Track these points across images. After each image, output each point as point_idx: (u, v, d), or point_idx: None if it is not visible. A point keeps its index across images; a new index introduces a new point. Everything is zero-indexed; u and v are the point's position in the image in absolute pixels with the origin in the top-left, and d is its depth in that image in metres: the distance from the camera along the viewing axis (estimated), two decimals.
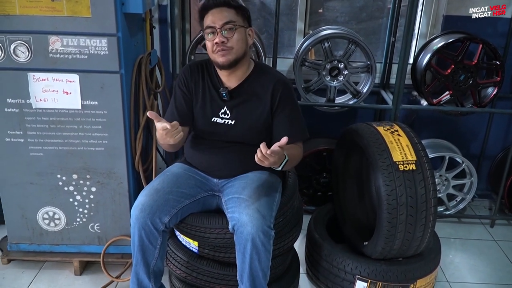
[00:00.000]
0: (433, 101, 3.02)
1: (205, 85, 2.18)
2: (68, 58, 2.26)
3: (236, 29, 2.05)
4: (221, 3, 2.06)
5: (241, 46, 2.07)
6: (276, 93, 2.13)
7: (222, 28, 2.02)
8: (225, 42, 2.03)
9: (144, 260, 2.12)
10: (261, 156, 1.83)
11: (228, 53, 2.04)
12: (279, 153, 1.85)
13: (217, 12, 2.05)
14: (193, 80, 2.18)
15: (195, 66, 2.21)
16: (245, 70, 2.16)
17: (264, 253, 1.99)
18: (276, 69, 2.56)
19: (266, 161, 1.86)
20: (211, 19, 2.04)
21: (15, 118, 2.37)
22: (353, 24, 3.43)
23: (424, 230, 2.31)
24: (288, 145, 1.93)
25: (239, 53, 2.07)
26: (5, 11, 2.18)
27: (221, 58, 2.05)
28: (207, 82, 2.18)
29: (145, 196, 2.06)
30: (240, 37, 2.07)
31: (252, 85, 2.16)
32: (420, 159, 2.31)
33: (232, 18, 2.05)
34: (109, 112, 2.37)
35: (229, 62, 2.06)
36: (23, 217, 2.57)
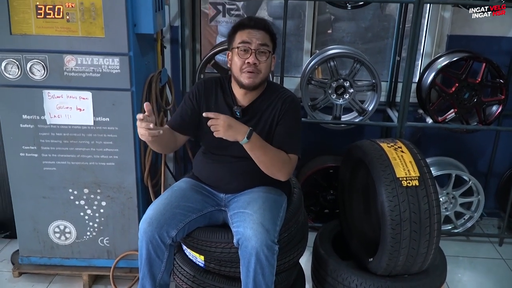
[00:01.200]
0: (438, 119, 3.06)
1: (218, 102, 2.23)
2: (82, 76, 2.36)
3: (269, 56, 2.13)
4: (261, 26, 2.13)
5: (268, 72, 2.16)
6: (283, 108, 2.20)
7: (258, 49, 2.09)
8: (257, 64, 2.09)
9: (150, 273, 2.16)
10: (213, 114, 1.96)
11: (255, 76, 2.11)
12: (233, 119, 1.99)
13: (255, 32, 2.10)
14: (205, 95, 2.23)
15: (210, 82, 2.27)
16: (260, 89, 2.22)
17: (268, 267, 2.03)
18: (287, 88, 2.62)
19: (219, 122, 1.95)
20: (248, 36, 2.09)
21: (30, 134, 2.46)
22: (359, 44, 3.50)
23: (429, 246, 2.32)
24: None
25: (264, 78, 2.15)
26: (22, 31, 2.29)
27: (247, 80, 2.11)
28: (220, 98, 2.23)
29: (153, 210, 2.12)
30: (269, 62, 2.15)
31: (263, 103, 2.22)
32: (423, 175, 2.34)
33: (268, 42, 2.12)
34: (120, 128, 2.45)
35: (254, 85, 2.13)
36: (34, 231, 2.64)
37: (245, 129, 2.01)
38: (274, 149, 2.14)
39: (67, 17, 2.26)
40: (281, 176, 2.18)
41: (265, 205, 2.10)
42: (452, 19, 3.19)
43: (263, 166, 2.12)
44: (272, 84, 2.30)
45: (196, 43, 3.25)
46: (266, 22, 2.16)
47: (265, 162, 2.11)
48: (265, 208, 2.08)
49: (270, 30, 2.14)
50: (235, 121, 2.01)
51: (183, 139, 2.28)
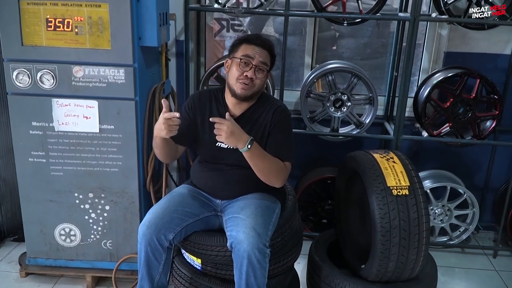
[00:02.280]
0: (434, 133, 3.14)
1: (212, 111, 2.33)
2: (89, 86, 2.50)
3: (266, 74, 2.27)
4: (267, 46, 2.27)
5: (260, 88, 2.29)
6: (274, 118, 2.30)
7: (258, 66, 2.22)
8: (254, 79, 2.22)
9: (149, 275, 2.25)
10: (219, 119, 2.06)
11: (249, 88, 2.23)
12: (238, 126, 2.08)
13: (259, 50, 2.23)
14: (200, 107, 2.34)
15: (205, 94, 2.39)
16: (252, 101, 2.33)
17: (259, 270, 2.11)
18: (278, 99, 2.73)
19: (223, 127, 2.04)
20: (252, 52, 2.22)
21: (38, 140, 2.59)
22: (362, 59, 3.62)
23: (418, 253, 2.40)
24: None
25: (256, 91, 2.27)
26: (34, 42, 2.44)
27: (241, 91, 2.22)
28: (214, 109, 2.34)
29: (152, 214, 2.22)
30: (264, 80, 2.28)
31: (255, 113, 2.32)
32: (413, 185, 2.42)
33: (268, 62, 2.27)
34: (124, 136, 2.57)
35: (245, 96, 2.25)
36: (41, 233, 2.76)
37: (247, 138, 2.11)
38: (271, 158, 2.24)
39: (76, 30, 2.41)
40: (277, 183, 2.28)
41: (258, 211, 2.20)
42: (449, 36, 3.30)
43: (261, 173, 2.22)
44: (263, 95, 2.39)
45: (200, 57, 3.39)
46: (272, 44, 2.30)
47: (263, 170, 2.21)
48: (257, 214, 2.18)
49: (273, 52, 2.29)
50: (239, 128, 2.10)
51: (181, 149, 2.40)
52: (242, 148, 2.11)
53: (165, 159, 2.40)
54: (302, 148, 3.61)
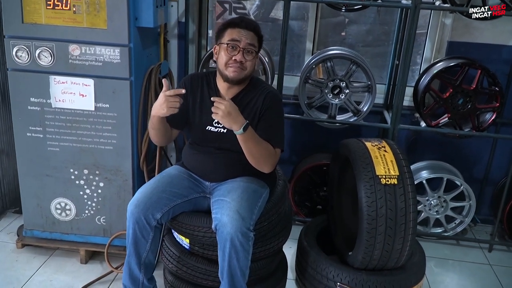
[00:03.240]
0: (432, 123, 3.12)
1: (203, 96, 2.36)
2: (85, 64, 2.54)
3: (255, 56, 2.26)
4: (252, 27, 2.25)
5: (251, 70, 2.29)
6: (265, 102, 2.31)
7: (245, 48, 2.21)
8: (243, 62, 2.22)
9: (136, 252, 2.31)
10: (219, 99, 2.07)
11: (240, 71, 2.23)
12: (236, 108, 2.08)
13: (245, 32, 2.23)
14: (192, 90, 2.36)
15: (196, 77, 2.40)
16: (243, 85, 2.34)
17: (242, 253, 2.15)
18: (269, 84, 2.72)
19: (221, 106, 2.05)
20: (238, 35, 2.22)
21: (36, 116, 2.65)
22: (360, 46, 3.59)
23: (403, 243, 2.41)
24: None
25: (248, 74, 2.28)
26: (33, 20, 2.48)
27: (232, 74, 2.23)
28: (205, 93, 2.36)
29: (140, 193, 2.27)
30: (254, 62, 2.28)
31: (246, 97, 2.33)
32: (403, 175, 2.42)
33: (255, 43, 2.26)
34: (118, 115, 2.61)
35: (238, 79, 2.26)
36: (38, 206, 2.84)
37: (243, 121, 2.12)
38: (263, 143, 2.25)
39: (73, 9, 2.44)
40: (266, 168, 2.30)
41: (244, 194, 2.23)
42: (453, 26, 3.25)
43: (251, 157, 2.24)
44: (254, 79, 2.40)
45: (202, 39, 3.40)
46: (256, 25, 2.28)
47: (254, 154, 2.23)
48: (243, 197, 2.21)
49: (259, 33, 2.27)
50: (236, 110, 2.11)
51: (175, 133, 2.44)
52: (237, 130, 2.12)
53: (160, 141, 2.44)
54: (300, 134, 3.63)
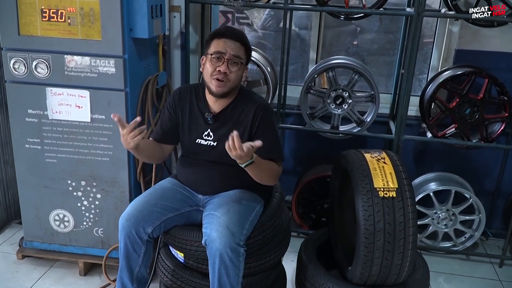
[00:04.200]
0: (438, 134, 3.03)
1: (192, 108, 2.32)
2: (80, 76, 2.54)
3: (241, 67, 2.20)
4: (238, 38, 2.19)
5: (236, 82, 2.21)
6: (256, 116, 2.25)
7: (231, 59, 2.15)
8: (228, 73, 2.16)
9: (128, 266, 2.28)
10: (232, 144, 1.95)
11: (224, 85, 2.17)
12: (248, 150, 1.97)
13: (230, 43, 2.16)
14: (181, 103, 2.33)
15: (185, 90, 2.36)
16: (231, 96, 2.29)
17: (232, 269, 2.10)
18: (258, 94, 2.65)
19: (234, 151, 1.96)
20: (223, 46, 2.15)
21: (34, 127, 2.66)
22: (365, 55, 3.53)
23: (403, 258, 2.32)
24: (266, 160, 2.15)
25: (232, 86, 2.21)
26: (29, 32, 2.50)
27: (216, 88, 2.17)
28: (194, 105, 2.32)
29: (132, 207, 2.24)
30: (240, 73, 2.21)
31: (235, 109, 2.28)
32: (402, 187, 2.34)
33: (241, 54, 2.18)
34: (114, 126, 2.58)
35: (222, 93, 2.20)
36: (37, 217, 2.84)
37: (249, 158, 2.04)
38: (267, 164, 2.21)
39: (68, 21, 2.45)
40: (272, 182, 2.32)
41: (235, 209, 2.18)
42: (460, 33, 3.16)
43: (258, 179, 2.21)
44: (243, 90, 2.35)
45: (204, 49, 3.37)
46: (243, 34, 2.23)
47: (261, 177, 2.21)
48: (233, 212, 2.16)
49: (245, 43, 2.21)
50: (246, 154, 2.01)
51: (169, 148, 2.42)
52: (242, 164, 2.06)
53: (152, 161, 2.43)
54: (304, 145, 3.57)
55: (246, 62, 2.25)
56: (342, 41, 3.91)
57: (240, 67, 2.18)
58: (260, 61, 3.16)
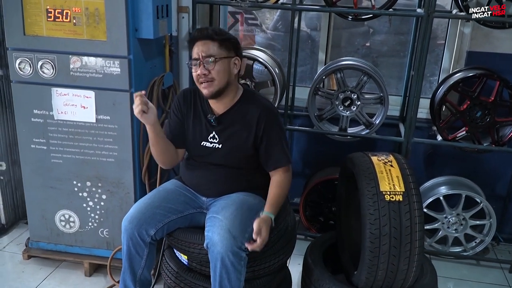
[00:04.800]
0: (448, 137, 2.97)
1: (196, 111, 2.31)
2: (86, 76, 2.53)
3: (217, 61, 2.13)
4: (205, 36, 2.15)
5: (222, 77, 2.16)
6: (261, 120, 2.22)
7: (204, 60, 2.12)
8: (207, 74, 2.13)
9: (131, 268, 2.26)
10: (257, 245, 2.08)
11: (210, 85, 2.14)
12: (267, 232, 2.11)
13: (201, 44, 2.14)
14: (185, 106, 2.31)
15: (188, 92, 2.35)
16: (233, 97, 2.26)
17: (234, 273, 2.08)
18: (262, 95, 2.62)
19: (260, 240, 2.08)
20: (196, 51, 2.15)
21: (39, 128, 2.66)
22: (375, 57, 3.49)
23: (409, 263, 2.27)
24: (272, 187, 2.26)
25: (221, 84, 2.16)
26: (35, 32, 2.50)
27: (204, 90, 2.17)
28: (198, 108, 2.31)
29: (135, 209, 2.23)
30: (222, 68, 2.15)
31: (239, 111, 2.26)
32: (409, 191, 2.29)
33: (213, 51, 2.13)
34: (119, 127, 2.60)
35: (212, 94, 2.17)
36: (43, 218, 2.84)
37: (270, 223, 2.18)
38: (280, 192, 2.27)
39: (74, 21, 2.44)
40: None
41: (237, 212, 2.15)
42: (472, 35, 3.10)
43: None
44: (248, 92, 2.33)
45: None
46: (209, 31, 2.17)
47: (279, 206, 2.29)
48: (236, 215, 2.14)
49: (215, 37, 2.15)
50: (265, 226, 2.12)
51: (181, 152, 2.40)
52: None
53: (164, 161, 2.36)
54: (313, 147, 3.53)
55: (228, 53, 2.17)
56: (354, 42, 3.87)
57: (216, 62, 2.13)
58: (268, 62, 3.14)
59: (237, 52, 2.23)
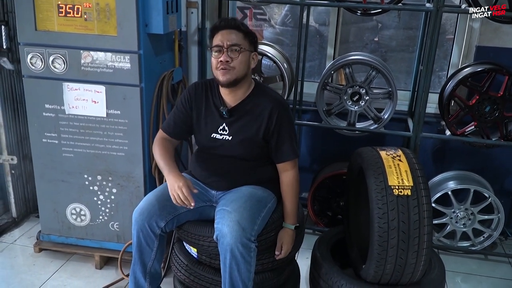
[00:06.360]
0: (457, 131, 2.97)
1: (208, 103, 2.32)
2: (96, 71, 2.56)
3: (242, 51, 2.17)
4: (231, 26, 2.19)
5: (243, 68, 2.19)
6: (273, 115, 2.24)
7: (229, 48, 2.15)
8: (229, 61, 2.15)
9: (141, 260, 2.29)
10: (281, 256, 2.32)
11: (228, 72, 2.16)
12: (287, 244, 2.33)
13: (226, 33, 2.17)
14: (196, 98, 2.32)
15: (200, 85, 2.36)
16: (246, 90, 2.28)
17: (243, 264, 2.10)
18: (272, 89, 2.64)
19: (283, 252, 2.33)
20: (220, 39, 2.16)
21: (51, 122, 2.70)
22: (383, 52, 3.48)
23: (418, 257, 2.29)
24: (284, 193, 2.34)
25: (239, 74, 2.19)
26: (46, 27, 2.52)
27: (222, 77, 2.17)
28: (209, 100, 2.32)
29: (145, 201, 2.25)
30: (244, 59, 2.19)
31: (251, 104, 2.27)
32: (417, 186, 2.30)
33: (239, 41, 2.17)
34: (129, 121, 2.62)
35: (229, 81, 2.18)
36: (54, 211, 2.88)
37: (293, 232, 2.37)
38: (293, 196, 2.36)
39: (85, 16, 2.47)
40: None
41: (246, 204, 2.18)
42: (481, 30, 3.10)
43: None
44: (260, 85, 2.35)
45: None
46: (237, 22, 2.21)
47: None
48: (245, 207, 2.16)
49: (241, 28, 2.19)
50: (288, 238, 2.34)
51: (175, 142, 2.43)
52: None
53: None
54: (321, 142, 3.54)
55: (249, 47, 2.21)
56: (363, 37, 3.86)
57: (240, 51, 2.16)
58: (277, 57, 3.15)
59: (255, 47, 2.27)
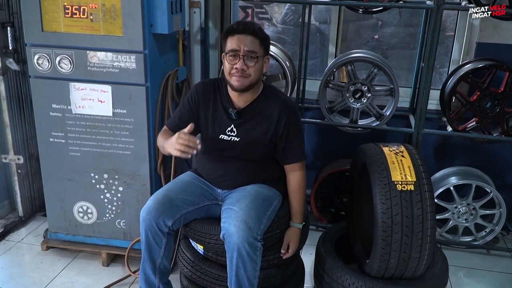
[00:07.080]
0: (458, 127, 3.01)
1: (216, 103, 2.31)
2: (103, 71, 2.59)
3: (258, 60, 2.16)
4: (249, 31, 2.14)
5: (258, 75, 2.19)
6: (283, 117, 2.25)
7: (245, 55, 2.13)
8: (245, 69, 2.14)
9: (150, 258, 2.32)
10: (288, 255, 2.37)
11: (243, 79, 2.15)
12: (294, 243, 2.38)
13: (243, 38, 2.12)
14: (204, 97, 2.32)
15: (208, 84, 2.35)
16: (255, 92, 2.27)
17: (249, 263, 2.13)
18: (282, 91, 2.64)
19: (290, 251, 2.38)
20: (236, 43, 2.12)
21: (58, 121, 2.73)
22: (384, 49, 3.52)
23: (421, 252, 2.32)
24: (291, 193, 2.38)
25: (253, 80, 2.19)
26: (53, 28, 2.56)
27: (237, 83, 2.17)
28: (217, 100, 2.31)
29: (153, 200, 2.27)
30: (259, 66, 2.18)
31: (260, 106, 2.28)
32: (420, 181, 2.34)
33: (256, 48, 2.14)
34: (135, 120, 2.66)
35: (243, 87, 2.18)
36: (61, 209, 2.92)
37: (299, 230, 2.42)
38: (300, 197, 2.40)
39: (91, 17, 2.50)
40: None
41: (252, 203, 2.20)
42: (481, 26, 3.13)
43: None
44: (268, 87, 2.34)
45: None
46: (255, 27, 2.18)
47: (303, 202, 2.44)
48: (251, 206, 2.18)
49: (259, 34, 2.16)
50: (295, 237, 2.39)
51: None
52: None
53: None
54: (324, 139, 3.58)
55: (265, 53, 2.21)
56: (363, 35, 3.89)
57: (257, 60, 2.16)
58: (279, 55, 3.18)
59: (268, 51, 2.27)
